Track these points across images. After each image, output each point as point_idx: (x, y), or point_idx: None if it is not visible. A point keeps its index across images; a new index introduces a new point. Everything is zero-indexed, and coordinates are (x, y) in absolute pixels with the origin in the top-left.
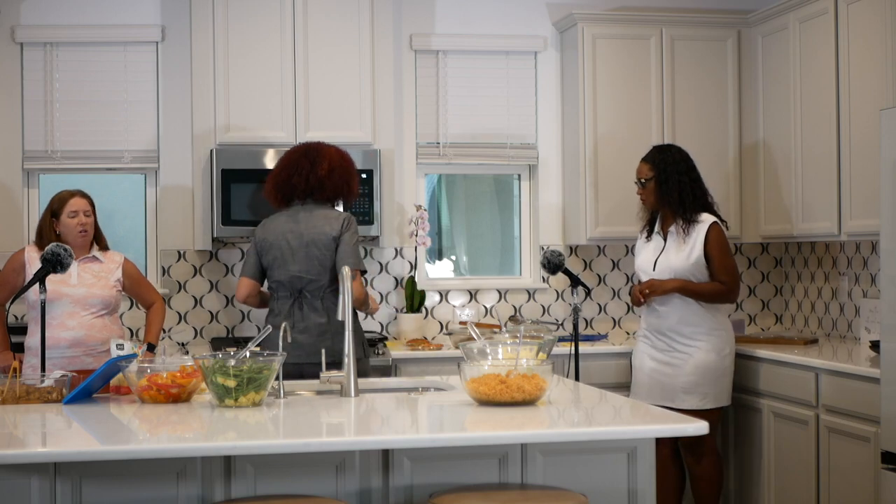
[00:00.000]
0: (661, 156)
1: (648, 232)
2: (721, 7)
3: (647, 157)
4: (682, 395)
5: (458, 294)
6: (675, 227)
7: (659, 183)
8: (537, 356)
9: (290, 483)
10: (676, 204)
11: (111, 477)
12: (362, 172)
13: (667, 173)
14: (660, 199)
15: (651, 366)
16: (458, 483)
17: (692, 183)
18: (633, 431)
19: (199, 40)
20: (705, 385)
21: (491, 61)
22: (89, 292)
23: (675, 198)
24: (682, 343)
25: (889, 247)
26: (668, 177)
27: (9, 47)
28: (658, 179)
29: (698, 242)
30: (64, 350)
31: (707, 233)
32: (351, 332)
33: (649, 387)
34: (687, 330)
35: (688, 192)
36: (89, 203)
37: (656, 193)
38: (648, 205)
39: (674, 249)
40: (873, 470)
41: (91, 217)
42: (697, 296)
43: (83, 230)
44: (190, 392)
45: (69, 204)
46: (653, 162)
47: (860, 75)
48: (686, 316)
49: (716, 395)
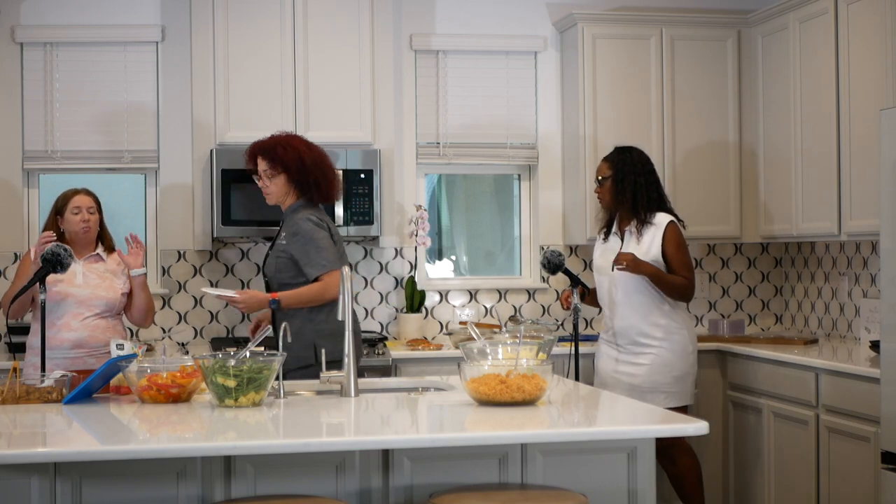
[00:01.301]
0: (621, 156)
1: (606, 233)
2: (721, 7)
3: (608, 156)
4: (648, 395)
5: (458, 294)
6: (631, 226)
7: (615, 182)
8: (537, 356)
9: (290, 483)
10: (630, 203)
11: (111, 477)
12: (362, 172)
13: (623, 173)
14: (615, 198)
15: (613, 367)
16: (458, 483)
17: (648, 185)
18: (633, 431)
19: (199, 40)
20: (669, 384)
21: (491, 61)
22: (94, 293)
23: (629, 197)
24: (645, 342)
25: (889, 247)
26: (625, 177)
27: (9, 47)
28: (615, 178)
29: (655, 240)
30: (67, 351)
31: (665, 231)
32: (351, 332)
33: (613, 387)
34: (650, 329)
35: (642, 193)
36: (94, 201)
37: (612, 193)
38: (604, 203)
39: (630, 249)
40: (873, 470)
41: (95, 215)
42: (666, 285)
43: (86, 227)
44: (190, 392)
45: (73, 201)
46: (612, 161)
47: (860, 75)
48: (648, 315)
49: (681, 394)
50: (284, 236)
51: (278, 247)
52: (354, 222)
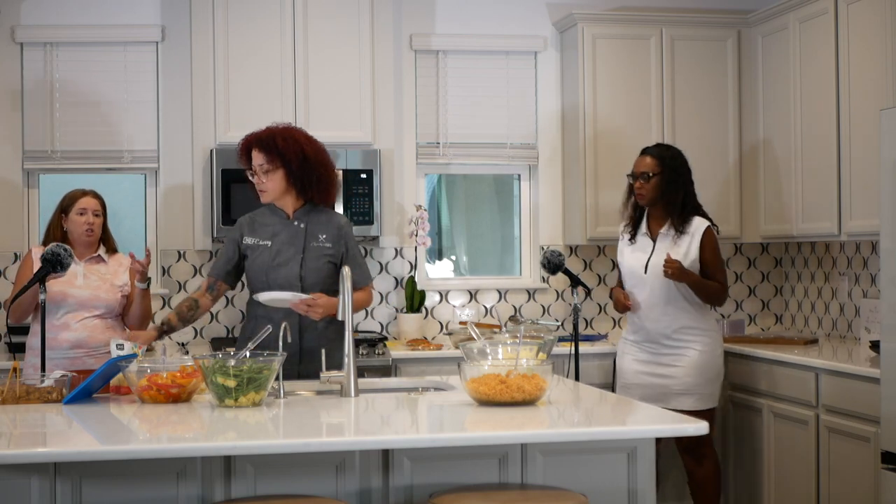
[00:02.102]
0: (669, 153)
1: (633, 232)
2: (721, 7)
3: (652, 152)
4: (679, 398)
5: (458, 294)
6: (667, 228)
7: (667, 181)
8: (537, 356)
9: (290, 483)
10: (678, 205)
11: (111, 477)
12: (362, 172)
13: (675, 172)
14: (662, 196)
15: (639, 368)
16: (458, 483)
17: (691, 189)
18: (633, 431)
19: (199, 40)
20: (702, 386)
21: (491, 61)
22: (94, 295)
23: (679, 199)
24: (675, 345)
25: (889, 247)
26: (676, 176)
27: (9, 47)
28: (665, 177)
29: (693, 246)
30: (66, 351)
31: (703, 237)
32: (351, 331)
33: (640, 389)
34: (681, 332)
35: (690, 195)
36: (100, 204)
37: (658, 190)
38: (645, 200)
39: (665, 252)
40: (873, 470)
41: (100, 217)
42: (704, 292)
43: (89, 229)
44: (190, 392)
45: (79, 202)
46: (660, 158)
47: (860, 75)
48: (679, 318)
49: (711, 396)
50: (325, 238)
51: (320, 249)
52: (354, 222)
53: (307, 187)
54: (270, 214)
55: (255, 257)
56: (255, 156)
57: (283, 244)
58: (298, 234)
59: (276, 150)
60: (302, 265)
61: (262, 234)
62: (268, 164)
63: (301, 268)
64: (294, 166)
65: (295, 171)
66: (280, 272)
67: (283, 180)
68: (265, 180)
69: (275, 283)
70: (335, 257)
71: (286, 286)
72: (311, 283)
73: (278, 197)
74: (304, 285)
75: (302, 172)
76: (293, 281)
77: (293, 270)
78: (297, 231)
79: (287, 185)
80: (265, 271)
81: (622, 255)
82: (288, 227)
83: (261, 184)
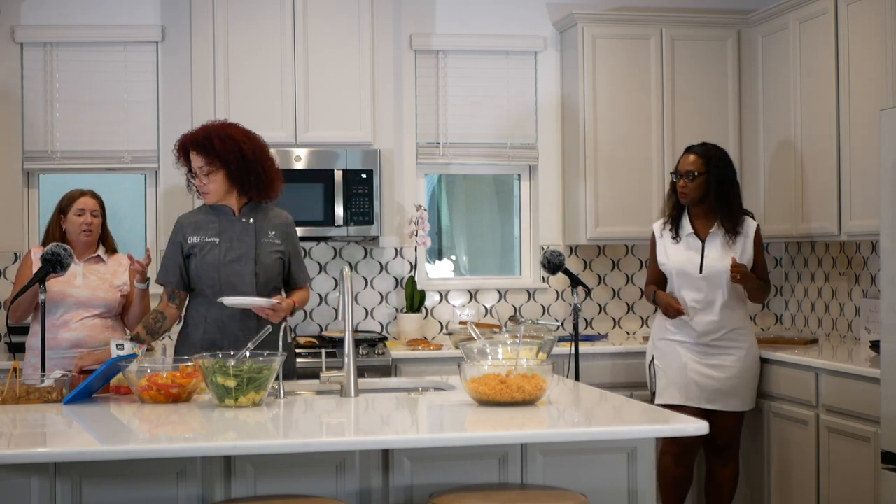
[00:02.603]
0: (716, 153)
1: (676, 232)
2: (721, 7)
3: (697, 150)
4: (726, 398)
5: (458, 294)
6: (717, 228)
7: (716, 181)
8: (537, 356)
9: (290, 483)
10: (730, 206)
11: (111, 477)
12: (362, 172)
13: (723, 173)
14: (707, 196)
15: (691, 367)
16: (458, 483)
17: (738, 186)
18: (633, 431)
19: (199, 40)
20: (746, 387)
21: (491, 61)
22: (93, 295)
23: (729, 199)
24: (724, 345)
25: (889, 247)
26: (724, 177)
27: (9, 47)
28: (714, 177)
29: (748, 245)
30: (65, 351)
31: (754, 237)
32: (351, 331)
33: (686, 389)
34: (734, 331)
35: (737, 196)
36: (98, 204)
37: (702, 190)
38: (687, 199)
39: (719, 251)
40: (873, 470)
41: (98, 218)
42: (758, 293)
43: (87, 229)
44: (190, 392)
45: (78, 202)
46: (706, 157)
47: (860, 75)
48: (729, 319)
49: (752, 398)
50: (275, 234)
51: (270, 245)
52: (354, 222)
53: (248, 186)
54: (213, 212)
55: (204, 255)
56: (193, 158)
57: (233, 241)
58: (248, 231)
59: (215, 152)
60: (256, 262)
61: (208, 232)
62: (207, 165)
63: (256, 264)
64: (234, 167)
65: (235, 172)
66: (233, 269)
67: (224, 181)
68: (206, 182)
69: (227, 281)
70: (285, 254)
71: (240, 284)
72: (264, 279)
73: (221, 197)
74: (258, 282)
75: (242, 172)
76: (248, 278)
77: (248, 267)
78: (246, 227)
79: (229, 184)
80: (216, 268)
81: (666, 255)
82: (235, 223)
83: (202, 186)
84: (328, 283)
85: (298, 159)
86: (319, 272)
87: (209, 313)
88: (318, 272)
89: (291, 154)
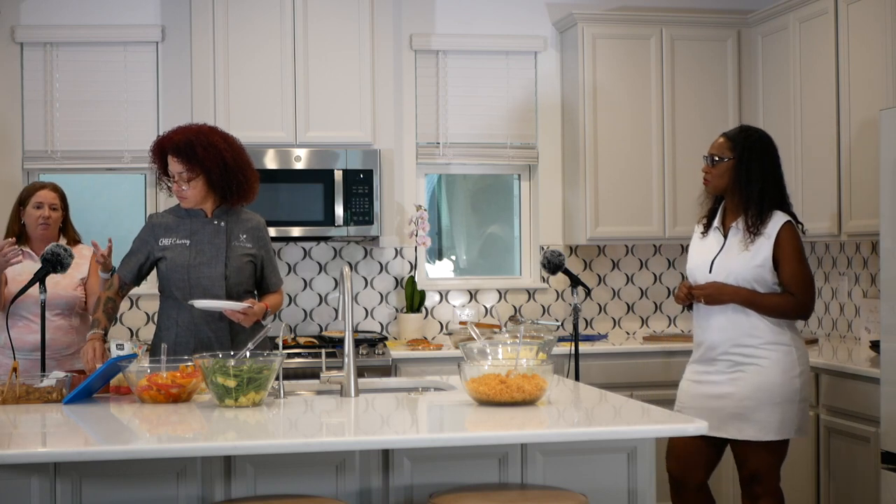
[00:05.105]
0: (747, 135)
1: (707, 225)
2: (721, 7)
3: (728, 133)
4: (736, 424)
5: (458, 294)
6: (740, 222)
7: (740, 167)
8: (537, 356)
9: (290, 483)
10: (755, 196)
11: (111, 477)
12: (362, 172)
13: (750, 157)
14: (734, 184)
15: (694, 388)
16: (458, 483)
17: (775, 179)
18: (633, 431)
19: (199, 40)
20: (765, 411)
21: (491, 61)
22: (52, 292)
23: (755, 190)
24: (736, 360)
25: (889, 247)
26: (751, 162)
27: (9, 47)
28: (739, 162)
29: (766, 244)
30: (28, 353)
31: (778, 233)
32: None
33: (697, 413)
34: (743, 344)
35: (771, 187)
36: (59, 197)
37: (730, 177)
38: (711, 188)
39: (735, 249)
40: (873, 470)
41: (58, 211)
42: (761, 309)
43: (44, 223)
44: (190, 392)
45: (36, 195)
46: (733, 140)
47: (860, 75)
48: (743, 327)
49: (779, 426)
50: (246, 238)
51: (241, 249)
52: (354, 222)
53: (228, 193)
54: (186, 213)
55: (174, 256)
56: (172, 163)
57: (204, 243)
58: (219, 233)
59: (196, 160)
60: (226, 265)
61: (180, 233)
62: (188, 172)
63: (225, 267)
64: (215, 175)
65: (216, 180)
66: (203, 271)
67: (203, 188)
68: (185, 188)
69: (197, 283)
70: (256, 258)
71: (210, 286)
72: (234, 282)
73: (199, 203)
74: (227, 284)
75: (223, 180)
76: (217, 281)
77: (217, 270)
78: (217, 230)
79: (208, 191)
80: (186, 269)
81: (691, 250)
82: (207, 225)
83: (181, 191)
84: (328, 283)
85: (298, 159)
86: (319, 272)
87: (180, 317)
88: (318, 272)
89: (291, 154)
